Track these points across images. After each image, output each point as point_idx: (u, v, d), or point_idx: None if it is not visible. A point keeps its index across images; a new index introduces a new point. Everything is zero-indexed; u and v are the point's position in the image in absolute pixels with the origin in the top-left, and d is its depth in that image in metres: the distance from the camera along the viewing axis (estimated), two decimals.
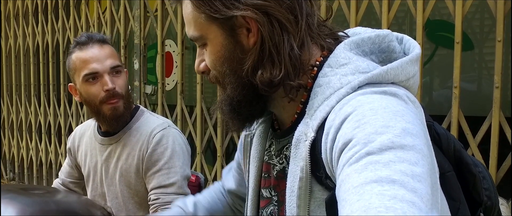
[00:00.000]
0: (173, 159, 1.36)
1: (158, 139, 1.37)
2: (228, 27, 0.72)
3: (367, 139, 0.59)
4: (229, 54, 0.73)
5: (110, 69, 1.35)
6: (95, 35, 1.38)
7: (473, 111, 1.85)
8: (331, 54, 0.73)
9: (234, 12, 0.69)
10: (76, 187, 1.62)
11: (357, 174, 0.57)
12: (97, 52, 1.35)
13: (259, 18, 0.69)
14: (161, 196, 1.34)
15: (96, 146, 1.48)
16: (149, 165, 1.37)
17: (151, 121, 1.43)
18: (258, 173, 0.85)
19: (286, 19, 0.70)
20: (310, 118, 0.71)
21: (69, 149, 1.59)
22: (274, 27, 0.70)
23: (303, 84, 0.72)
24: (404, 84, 0.72)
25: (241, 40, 0.72)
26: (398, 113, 0.62)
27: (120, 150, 1.43)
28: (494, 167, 1.60)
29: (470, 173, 0.83)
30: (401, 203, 0.52)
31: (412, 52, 0.74)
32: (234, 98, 0.74)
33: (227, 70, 0.74)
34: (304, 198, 0.70)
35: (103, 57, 1.35)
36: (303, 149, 0.70)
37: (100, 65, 1.34)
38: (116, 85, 1.35)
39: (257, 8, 0.69)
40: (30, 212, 1.06)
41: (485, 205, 0.84)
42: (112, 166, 1.44)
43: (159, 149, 1.37)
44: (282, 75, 0.70)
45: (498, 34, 1.58)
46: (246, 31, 0.71)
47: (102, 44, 1.37)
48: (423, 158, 0.59)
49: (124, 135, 1.43)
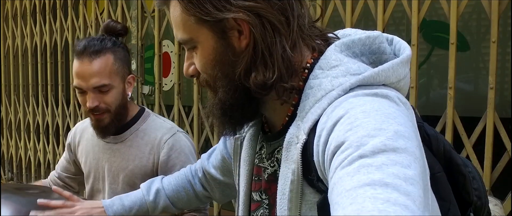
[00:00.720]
0: (187, 162, 1.41)
1: (171, 145, 1.41)
2: (219, 30, 0.70)
3: (359, 142, 0.59)
4: (221, 57, 0.71)
5: (93, 88, 1.33)
6: (91, 45, 1.33)
7: (469, 111, 1.86)
8: (321, 56, 0.73)
9: (225, 14, 0.68)
10: (72, 182, 1.63)
11: (350, 177, 0.57)
12: (84, 69, 1.32)
13: (251, 20, 0.68)
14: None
15: (99, 143, 1.49)
16: (165, 170, 1.40)
17: (159, 125, 1.46)
18: (249, 176, 0.84)
19: (278, 21, 0.69)
20: (302, 120, 0.70)
21: (69, 144, 1.60)
22: (266, 29, 0.69)
23: (295, 86, 0.72)
24: (395, 86, 0.72)
25: (233, 43, 0.71)
26: (390, 115, 0.62)
27: (126, 150, 1.44)
28: (488, 168, 1.61)
29: (460, 173, 0.83)
30: (394, 206, 0.52)
31: (403, 53, 0.74)
32: (226, 102, 0.73)
33: (218, 74, 0.72)
34: (295, 200, 0.70)
35: (88, 76, 1.32)
36: (295, 151, 0.70)
37: (84, 83, 1.33)
38: (101, 101, 1.34)
39: (249, 10, 0.68)
40: (25, 212, 1.07)
41: (475, 205, 0.84)
42: (116, 165, 1.45)
43: (173, 154, 1.41)
44: (276, 77, 0.69)
45: (492, 35, 1.58)
46: (238, 34, 0.70)
47: (95, 56, 1.32)
48: (415, 160, 0.59)
49: (130, 135, 1.44)
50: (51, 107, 3.24)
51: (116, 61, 1.37)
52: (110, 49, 1.36)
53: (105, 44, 1.35)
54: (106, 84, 1.34)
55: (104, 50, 1.34)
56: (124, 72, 1.40)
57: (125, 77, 1.41)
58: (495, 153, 1.61)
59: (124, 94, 1.41)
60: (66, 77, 3.14)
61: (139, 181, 1.41)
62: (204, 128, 2.40)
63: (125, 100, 1.41)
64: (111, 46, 1.36)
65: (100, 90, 1.34)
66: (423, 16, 1.71)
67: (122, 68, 1.39)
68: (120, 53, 1.39)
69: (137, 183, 1.41)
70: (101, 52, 1.33)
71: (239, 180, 0.87)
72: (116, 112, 1.38)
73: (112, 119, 1.38)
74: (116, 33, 1.42)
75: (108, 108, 1.36)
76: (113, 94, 1.36)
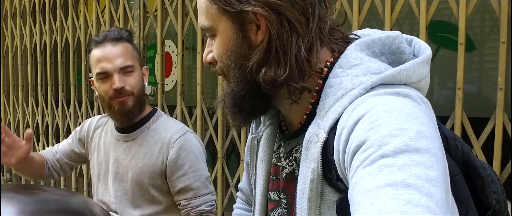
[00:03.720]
0: (197, 162, 1.44)
1: (180, 144, 1.43)
2: (238, 22, 0.72)
3: (381, 141, 0.59)
4: (236, 48, 0.73)
5: (119, 69, 1.39)
6: (111, 33, 1.42)
7: (474, 112, 1.85)
8: (341, 55, 0.73)
9: (245, 7, 0.70)
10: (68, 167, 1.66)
11: (372, 177, 0.56)
12: (108, 51, 1.39)
13: (269, 16, 0.69)
14: (192, 201, 1.44)
15: (112, 141, 1.51)
16: (174, 169, 1.43)
17: (170, 125, 1.49)
18: (266, 175, 0.84)
19: (297, 20, 0.69)
20: (321, 119, 0.70)
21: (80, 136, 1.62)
22: (284, 27, 0.69)
23: (307, 88, 0.72)
24: (416, 85, 0.72)
25: (250, 36, 0.72)
26: (412, 115, 0.62)
27: (136, 148, 1.46)
28: (497, 169, 1.60)
29: (478, 176, 0.83)
30: (416, 207, 0.52)
31: (423, 53, 0.74)
32: (237, 93, 0.74)
33: (232, 64, 0.74)
34: (315, 200, 0.70)
35: (113, 57, 1.39)
36: (315, 150, 0.69)
37: (110, 64, 1.39)
38: (126, 83, 1.40)
39: (269, 6, 0.69)
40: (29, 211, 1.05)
41: (493, 208, 0.84)
42: (126, 163, 1.47)
43: (183, 153, 1.43)
44: (286, 76, 0.69)
45: (502, 35, 1.57)
46: (256, 28, 0.71)
47: (116, 42, 1.40)
48: (438, 161, 0.58)
49: (141, 134, 1.47)
50: (51, 107, 3.22)
51: (134, 49, 1.46)
52: (127, 39, 1.45)
53: (123, 34, 1.44)
54: (131, 65, 1.41)
55: (123, 38, 1.44)
56: (141, 62, 1.48)
57: (142, 66, 1.48)
58: (504, 154, 1.60)
59: (143, 81, 1.47)
60: (66, 77, 3.12)
61: (147, 179, 1.45)
62: (207, 128, 2.38)
63: (144, 89, 1.47)
64: (127, 37, 1.45)
65: (125, 71, 1.40)
66: (431, 16, 1.70)
67: (139, 57, 1.48)
68: (134, 46, 1.48)
69: (145, 182, 1.45)
70: (121, 40, 1.43)
71: (255, 179, 0.87)
72: (138, 96, 1.43)
73: (135, 103, 1.42)
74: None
75: (132, 90, 1.41)
76: (136, 77, 1.43)
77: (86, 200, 1.17)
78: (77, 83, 3.05)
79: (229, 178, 2.33)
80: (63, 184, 3.22)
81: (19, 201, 1.09)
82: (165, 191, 1.47)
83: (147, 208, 1.47)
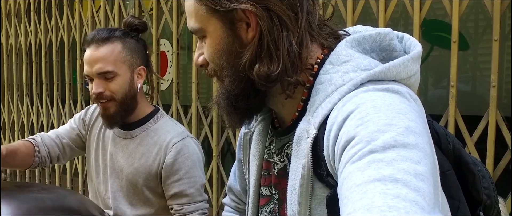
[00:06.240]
0: (193, 168, 1.41)
1: (179, 148, 1.40)
2: (228, 21, 0.71)
3: (370, 137, 0.59)
4: (228, 47, 0.73)
5: (97, 74, 1.35)
6: (99, 33, 1.36)
7: (467, 110, 1.86)
8: (332, 52, 0.73)
9: (234, 5, 0.69)
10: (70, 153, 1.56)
11: (360, 172, 0.57)
12: (90, 55, 1.35)
13: (258, 13, 0.69)
14: (185, 207, 1.41)
15: (110, 135, 1.48)
16: (169, 173, 1.40)
17: (171, 127, 1.45)
18: (258, 171, 0.85)
19: (286, 16, 0.70)
20: (312, 115, 0.70)
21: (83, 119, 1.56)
22: (274, 22, 0.69)
23: (301, 81, 0.72)
24: (406, 82, 0.72)
25: (240, 34, 0.72)
26: (401, 111, 0.62)
27: (134, 147, 1.44)
28: (491, 166, 1.61)
29: (469, 172, 0.83)
30: (404, 202, 0.52)
31: (413, 50, 0.74)
32: (231, 92, 0.74)
33: (224, 64, 0.73)
34: (305, 195, 0.70)
35: (93, 61, 1.34)
36: (305, 146, 0.70)
37: (90, 68, 1.36)
38: (106, 89, 1.35)
39: (258, 2, 0.69)
40: (25, 209, 1.05)
41: (484, 204, 0.85)
42: (123, 160, 1.45)
43: (180, 158, 1.39)
44: (280, 70, 0.70)
45: (494, 34, 1.58)
46: (246, 26, 0.71)
47: (102, 44, 1.35)
48: (426, 156, 0.59)
49: (141, 133, 1.44)
50: (46, 107, 3.21)
51: (125, 50, 1.37)
52: (119, 38, 1.37)
53: (113, 33, 1.37)
54: (110, 71, 1.35)
55: (112, 38, 1.36)
56: (134, 63, 1.40)
57: (134, 68, 1.40)
58: (497, 151, 1.61)
59: (132, 85, 1.40)
60: (61, 77, 3.11)
61: (142, 180, 1.42)
62: (202, 127, 2.38)
63: (133, 92, 1.40)
64: (120, 36, 1.38)
65: (105, 77, 1.35)
66: (424, 15, 1.71)
67: (131, 58, 1.39)
68: (131, 43, 1.39)
69: (139, 182, 1.43)
70: (109, 40, 1.35)
71: (249, 174, 0.88)
72: (122, 102, 1.38)
73: (118, 109, 1.38)
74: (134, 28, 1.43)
75: (113, 95, 1.36)
76: (118, 82, 1.37)
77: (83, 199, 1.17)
78: (72, 82, 3.04)
79: (224, 176, 2.33)
80: (58, 184, 3.21)
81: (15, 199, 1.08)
82: (159, 194, 1.45)
83: (140, 208, 1.45)
